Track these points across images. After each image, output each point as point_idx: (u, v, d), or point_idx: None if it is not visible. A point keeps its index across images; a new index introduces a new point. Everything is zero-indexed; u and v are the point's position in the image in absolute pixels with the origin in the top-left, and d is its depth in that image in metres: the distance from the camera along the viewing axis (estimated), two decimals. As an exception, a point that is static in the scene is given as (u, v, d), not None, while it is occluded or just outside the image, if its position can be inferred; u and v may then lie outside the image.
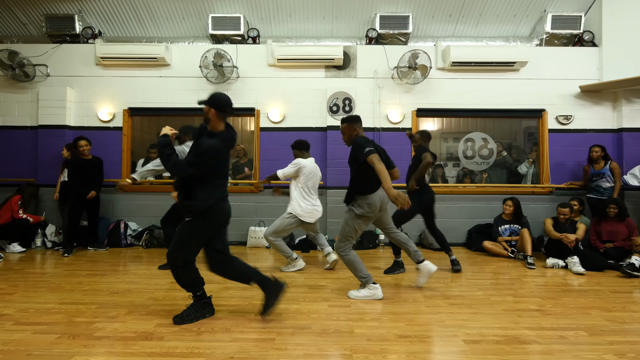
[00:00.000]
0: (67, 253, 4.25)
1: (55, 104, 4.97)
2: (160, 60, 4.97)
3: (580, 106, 5.06)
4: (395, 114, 5.04)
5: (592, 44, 5.14)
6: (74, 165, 4.37)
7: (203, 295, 2.40)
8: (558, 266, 3.80)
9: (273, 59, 5.02)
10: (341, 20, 5.35)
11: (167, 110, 5.12)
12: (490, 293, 2.96)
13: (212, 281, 3.12)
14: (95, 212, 4.55)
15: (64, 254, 4.23)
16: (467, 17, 5.28)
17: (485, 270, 3.75)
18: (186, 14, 5.29)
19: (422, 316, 2.45)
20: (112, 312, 2.48)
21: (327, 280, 3.31)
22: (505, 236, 4.45)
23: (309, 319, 2.39)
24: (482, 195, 5.05)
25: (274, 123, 5.07)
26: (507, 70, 5.06)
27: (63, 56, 5.13)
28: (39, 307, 2.56)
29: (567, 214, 4.07)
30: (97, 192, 4.49)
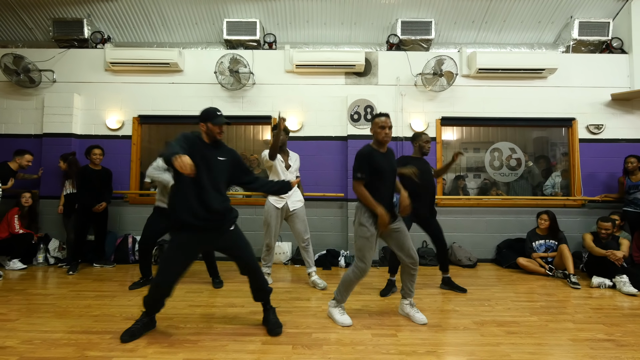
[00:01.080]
0: (71, 271, 3.93)
1: (62, 111, 4.72)
2: (173, 66, 4.75)
3: (611, 115, 4.86)
4: (419, 123, 4.81)
5: (621, 51, 4.97)
6: (82, 176, 4.09)
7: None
8: (605, 286, 3.52)
9: (291, 65, 4.81)
10: (360, 26, 5.17)
11: (179, 118, 4.88)
12: (546, 318, 2.68)
13: (234, 305, 2.84)
14: (102, 227, 4.26)
15: (69, 272, 3.92)
16: (491, 23, 5.12)
17: (525, 290, 3.47)
18: (199, 18, 5.09)
19: (482, 348, 2.16)
20: (130, 345, 2.18)
21: (360, 303, 3.01)
22: (540, 252, 4.17)
23: (356, 352, 2.10)
24: (511, 208, 4.79)
25: (292, 132, 4.81)
26: (535, 78, 4.86)
27: (70, 61, 4.90)
28: (45, 338, 2.26)
29: (610, 229, 3.81)
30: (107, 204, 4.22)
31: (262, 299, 2.43)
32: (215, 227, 2.26)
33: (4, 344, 2.17)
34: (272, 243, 3.51)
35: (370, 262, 2.53)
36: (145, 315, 2.35)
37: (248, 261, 2.34)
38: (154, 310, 2.33)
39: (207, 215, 2.19)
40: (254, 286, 2.40)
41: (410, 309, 2.65)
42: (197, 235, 2.23)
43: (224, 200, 2.30)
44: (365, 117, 4.72)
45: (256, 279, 2.38)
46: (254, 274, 2.37)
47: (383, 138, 2.54)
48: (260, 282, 2.39)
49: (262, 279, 2.40)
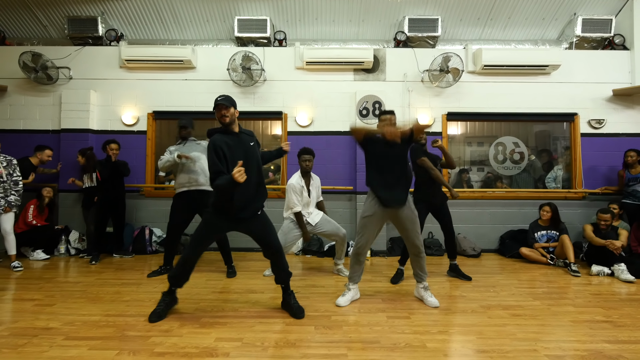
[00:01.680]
0: (94, 261, 4.12)
1: (79, 107, 4.86)
2: (187, 63, 4.88)
3: (612, 110, 5.00)
4: (426, 118, 4.95)
5: (623, 48, 5.09)
6: (101, 169, 4.25)
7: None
8: (604, 273, 3.70)
9: (301, 62, 4.94)
10: (368, 23, 5.28)
11: (191, 113, 5.00)
12: (548, 303, 2.86)
13: (254, 291, 3.03)
14: (121, 218, 4.44)
15: (91, 262, 4.10)
16: (496, 20, 5.23)
17: (528, 278, 3.65)
18: (211, 16, 5.20)
19: (490, 329, 2.34)
20: (164, 326, 2.35)
21: (373, 290, 3.19)
22: (542, 242, 4.35)
23: (373, 332, 2.27)
24: (514, 200, 4.96)
25: (302, 127, 4.97)
26: (539, 74, 4.99)
27: (86, 59, 5.03)
28: (84, 320, 2.44)
29: (609, 220, 3.98)
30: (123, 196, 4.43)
31: (283, 281, 2.59)
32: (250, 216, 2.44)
33: (48, 325, 2.35)
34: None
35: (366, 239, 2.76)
36: (167, 294, 2.54)
37: (272, 244, 2.50)
38: (179, 283, 2.53)
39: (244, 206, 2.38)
40: (277, 268, 2.55)
41: (424, 292, 2.84)
42: (230, 221, 2.43)
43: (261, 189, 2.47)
44: (374, 112, 4.86)
45: (280, 261, 2.53)
46: (277, 256, 2.52)
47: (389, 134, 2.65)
48: (283, 264, 2.54)
49: (284, 261, 2.55)
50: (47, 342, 2.11)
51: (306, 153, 3.65)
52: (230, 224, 2.47)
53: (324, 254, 4.62)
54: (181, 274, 2.51)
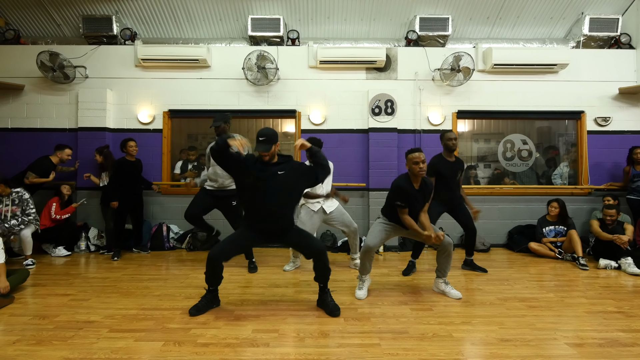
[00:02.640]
0: (116, 257, 4.24)
1: (95, 106, 4.93)
2: (202, 62, 4.95)
3: (618, 108, 5.12)
4: (436, 116, 5.06)
5: (629, 47, 5.20)
6: (120, 168, 4.37)
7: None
8: (611, 267, 3.85)
9: (315, 61, 5.02)
10: (379, 22, 5.35)
11: (207, 112, 5.10)
12: (561, 295, 3.00)
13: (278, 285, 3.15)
14: (139, 215, 4.58)
15: (113, 258, 4.22)
16: (505, 19, 5.31)
17: (538, 271, 3.79)
18: (224, 15, 5.26)
19: (509, 319, 2.47)
20: (201, 318, 2.47)
21: (392, 284, 3.32)
22: (550, 237, 4.49)
23: (400, 323, 2.40)
24: (521, 196, 5.09)
25: (315, 125, 5.07)
26: (547, 72, 5.10)
27: (102, 58, 5.08)
28: (123, 313, 2.55)
29: (614, 215, 4.12)
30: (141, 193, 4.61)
31: (322, 281, 2.66)
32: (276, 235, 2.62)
33: (89, 319, 2.47)
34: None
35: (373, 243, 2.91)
36: (209, 292, 2.64)
37: (312, 247, 2.59)
38: (215, 283, 2.63)
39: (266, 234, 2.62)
40: (318, 268, 2.62)
41: (445, 286, 2.98)
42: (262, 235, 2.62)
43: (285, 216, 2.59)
44: (386, 110, 4.96)
45: (322, 262, 2.59)
46: (319, 257, 2.58)
47: (418, 172, 2.80)
48: (325, 264, 2.60)
49: (326, 261, 2.61)
50: (94, 334, 2.22)
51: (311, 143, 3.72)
52: (263, 237, 2.63)
53: (337, 249, 4.75)
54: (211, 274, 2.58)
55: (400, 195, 2.82)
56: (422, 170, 2.79)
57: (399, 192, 2.82)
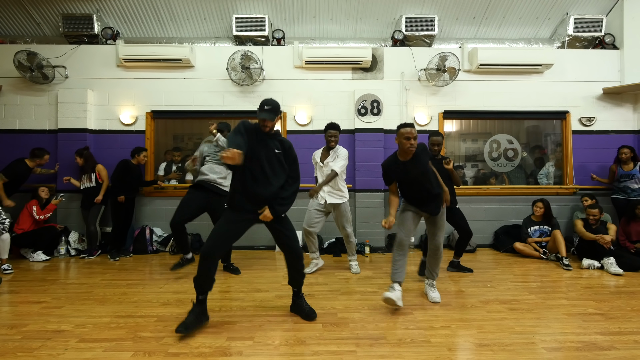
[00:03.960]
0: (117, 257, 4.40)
1: (76, 107, 4.82)
2: (185, 62, 4.87)
3: (602, 108, 5.15)
4: (423, 116, 5.04)
5: (613, 47, 5.23)
6: (127, 169, 4.42)
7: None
8: (594, 267, 3.86)
9: (300, 61, 4.97)
10: (365, 21, 5.32)
11: (190, 113, 5.02)
12: (542, 296, 2.99)
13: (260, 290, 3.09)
14: (129, 218, 4.59)
15: (115, 258, 4.36)
16: (491, 19, 5.31)
17: (522, 272, 3.79)
18: (208, 14, 5.18)
19: (489, 323, 2.45)
20: (175, 326, 2.40)
21: (375, 287, 3.29)
22: (535, 237, 4.50)
23: (379, 329, 2.37)
24: (508, 196, 5.10)
25: (301, 125, 5.02)
26: (532, 73, 5.11)
27: (82, 57, 4.97)
28: (96, 322, 2.48)
29: (597, 215, 4.13)
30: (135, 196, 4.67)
31: (296, 285, 2.61)
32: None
33: (59, 328, 2.39)
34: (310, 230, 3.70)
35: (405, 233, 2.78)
36: (198, 303, 2.36)
37: (292, 250, 2.50)
38: (206, 287, 2.34)
39: (255, 200, 2.37)
40: (292, 270, 2.56)
41: (429, 288, 2.95)
42: (249, 216, 2.40)
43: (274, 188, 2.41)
44: (372, 111, 4.92)
45: (297, 263, 2.54)
46: (295, 261, 2.52)
47: (408, 148, 2.67)
48: (299, 267, 2.55)
49: (301, 269, 2.56)
50: (62, 344, 2.15)
51: (332, 128, 3.66)
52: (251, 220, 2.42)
53: (323, 251, 4.70)
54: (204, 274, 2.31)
55: (386, 173, 2.82)
56: (412, 147, 2.65)
57: (384, 171, 2.85)
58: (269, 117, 2.39)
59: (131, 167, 4.47)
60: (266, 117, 2.38)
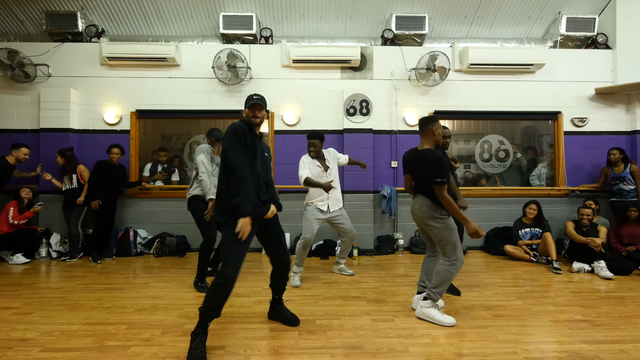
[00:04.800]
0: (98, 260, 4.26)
1: (58, 106, 4.72)
2: (170, 61, 4.77)
3: (595, 108, 5.07)
4: (412, 117, 4.96)
5: (605, 47, 5.16)
6: (102, 170, 4.29)
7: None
8: (584, 270, 3.79)
9: (288, 60, 4.88)
10: (355, 20, 5.23)
11: (176, 112, 4.93)
12: (529, 302, 2.91)
13: (239, 294, 3.00)
14: (111, 219, 4.48)
15: (96, 261, 4.22)
16: (482, 18, 5.24)
17: (511, 275, 3.71)
18: (195, 12, 5.09)
19: (472, 330, 2.37)
20: (146, 334, 2.32)
21: (358, 291, 3.20)
22: (525, 240, 4.42)
23: (357, 337, 2.28)
24: (499, 198, 5.02)
25: (289, 126, 4.93)
26: (524, 72, 5.03)
27: (65, 56, 4.87)
28: (63, 330, 2.38)
29: (590, 215, 4.06)
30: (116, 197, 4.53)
31: (280, 292, 2.51)
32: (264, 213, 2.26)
33: (24, 336, 2.29)
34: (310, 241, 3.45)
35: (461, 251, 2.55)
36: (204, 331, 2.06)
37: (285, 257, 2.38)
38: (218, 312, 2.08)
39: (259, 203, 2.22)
40: (277, 278, 2.45)
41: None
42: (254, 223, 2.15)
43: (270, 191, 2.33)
44: (361, 111, 4.84)
45: (284, 273, 2.43)
46: (286, 269, 2.41)
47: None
48: (285, 277, 2.46)
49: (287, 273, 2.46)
50: (23, 354, 2.05)
51: (312, 137, 3.46)
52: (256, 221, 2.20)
53: (311, 253, 4.61)
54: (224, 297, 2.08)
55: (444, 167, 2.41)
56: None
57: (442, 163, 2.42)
58: (264, 103, 2.23)
59: (107, 167, 4.33)
60: (260, 103, 2.20)
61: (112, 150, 4.34)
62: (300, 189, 4.83)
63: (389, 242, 4.82)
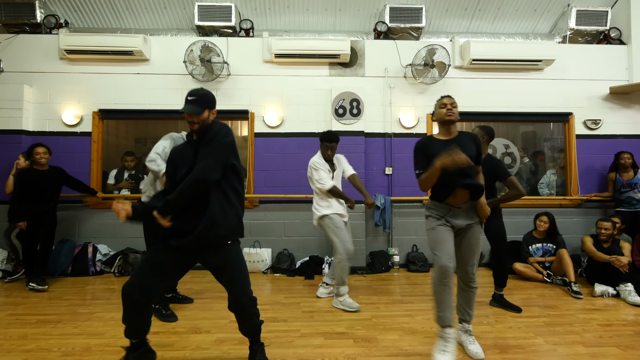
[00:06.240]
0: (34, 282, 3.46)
1: (10, 105, 4.18)
2: (137, 54, 4.26)
3: (609, 109, 4.61)
4: (409, 118, 4.46)
5: (619, 42, 4.71)
6: (26, 178, 3.57)
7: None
8: (608, 294, 3.26)
9: (270, 55, 4.38)
10: (345, 12, 4.76)
11: (145, 112, 4.40)
12: (552, 340, 2.38)
13: (199, 329, 2.43)
14: (49, 237, 3.69)
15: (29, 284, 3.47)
16: (484, 11, 4.78)
17: (524, 300, 3.18)
18: (168, 2, 4.59)
19: (486, 386, 1.83)
20: (59, 394, 1.76)
21: (344, 324, 2.65)
22: (537, 257, 3.91)
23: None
24: (504, 208, 4.49)
25: (271, 128, 4.41)
26: (531, 70, 4.57)
27: (20, 48, 4.34)
28: (-47, 387, 1.82)
29: (610, 229, 3.55)
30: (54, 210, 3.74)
31: (251, 336, 1.95)
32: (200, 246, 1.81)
33: None
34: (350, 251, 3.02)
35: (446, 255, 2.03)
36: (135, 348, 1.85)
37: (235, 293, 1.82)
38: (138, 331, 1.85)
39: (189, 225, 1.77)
40: (242, 324, 1.91)
41: (466, 336, 2.22)
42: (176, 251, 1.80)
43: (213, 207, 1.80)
44: (351, 111, 4.34)
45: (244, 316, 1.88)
46: (241, 311, 1.86)
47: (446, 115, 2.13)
48: (250, 319, 1.90)
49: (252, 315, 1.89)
50: None
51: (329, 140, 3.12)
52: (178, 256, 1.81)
53: (294, 272, 4.07)
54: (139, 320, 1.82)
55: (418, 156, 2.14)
56: (451, 114, 2.12)
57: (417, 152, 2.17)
58: (192, 110, 1.77)
59: (33, 175, 3.61)
60: (188, 111, 1.77)
61: (35, 150, 3.56)
62: (283, 199, 4.31)
63: (383, 259, 4.28)
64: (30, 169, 3.62)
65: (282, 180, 4.37)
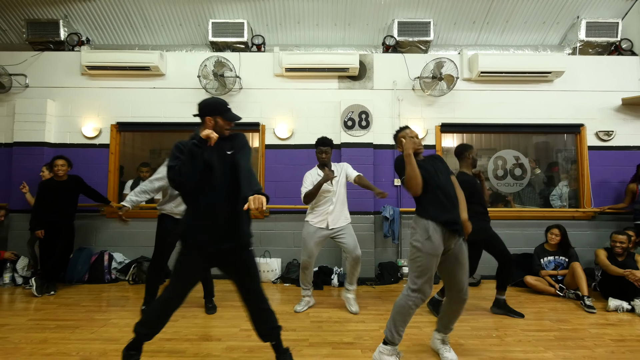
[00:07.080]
0: (52, 290, 3.68)
1: (34, 119, 4.39)
2: (154, 70, 4.44)
3: (622, 121, 4.56)
4: (418, 129, 4.49)
5: (630, 53, 4.69)
6: (45, 188, 3.75)
7: None
8: (622, 309, 3.20)
9: (280, 69, 4.51)
10: (354, 27, 4.88)
11: (161, 125, 4.56)
12: (562, 354, 2.35)
13: (210, 337, 2.49)
14: (68, 247, 3.87)
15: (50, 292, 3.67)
16: (492, 24, 4.83)
17: (535, 314, 3.14)
18: (184, 20, 4.79)
19: (493, 401, 1.83)
20: (76, 398, 1.84)
21: (353, 334, 2.67)
22: (549, 270, 3.86)
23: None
24: (516, 220, 4.48)
25: (281, 140, 4.51)
26: (540, 82, 4.57)
27: (44, 65, 4.58)
28: (-21, 389, 1.92)
29: (625, 242, 3.50)
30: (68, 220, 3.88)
31: (271, 337, 2.02)
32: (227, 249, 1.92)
33: None
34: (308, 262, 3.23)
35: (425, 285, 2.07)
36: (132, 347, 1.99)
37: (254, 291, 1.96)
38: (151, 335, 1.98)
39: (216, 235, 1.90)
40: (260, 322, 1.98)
41: (442, 345, 2.30)
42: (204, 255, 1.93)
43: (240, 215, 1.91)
44: (360, 123, 4.41)
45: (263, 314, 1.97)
46: (261, 308, 1.97)
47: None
48: (268, 318, 1.98)
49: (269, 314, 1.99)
50: None
51: (322, 144, 3.30)
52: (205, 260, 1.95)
53: (304, 282, 4.10)
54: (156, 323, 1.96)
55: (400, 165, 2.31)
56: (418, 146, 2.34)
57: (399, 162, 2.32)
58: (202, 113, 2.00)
59: (52, 186, 3.77)
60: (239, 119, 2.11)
61: (54, 163, 3.75)
62: (293, 209, 4.38)
63: (392, 270, 4.29)
64: (50, 180, 3.81)
65: (292, 191, 4.44)
